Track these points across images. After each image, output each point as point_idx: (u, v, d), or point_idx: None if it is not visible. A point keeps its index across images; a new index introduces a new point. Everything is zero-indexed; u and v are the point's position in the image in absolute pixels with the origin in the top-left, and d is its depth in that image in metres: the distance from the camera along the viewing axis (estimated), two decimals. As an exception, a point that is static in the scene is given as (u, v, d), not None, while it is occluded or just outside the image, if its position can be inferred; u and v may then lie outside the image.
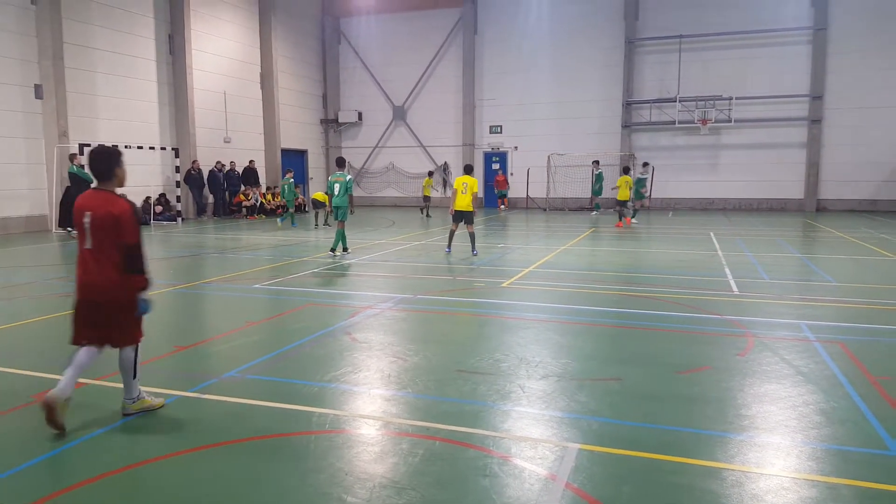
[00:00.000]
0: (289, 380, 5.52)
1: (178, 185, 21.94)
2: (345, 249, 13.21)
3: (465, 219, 12.99)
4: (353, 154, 32.01)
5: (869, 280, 10.39)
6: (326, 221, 20.21)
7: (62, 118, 18.48)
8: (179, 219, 21.74)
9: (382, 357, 6.15)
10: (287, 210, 21.31)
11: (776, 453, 4.08)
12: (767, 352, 6.24)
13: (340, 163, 13.92)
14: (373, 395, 5.14)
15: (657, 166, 27.32)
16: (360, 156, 32.14)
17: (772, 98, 26.20)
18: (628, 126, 27.97)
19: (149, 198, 21.58)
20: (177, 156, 21.90)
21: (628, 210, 20.61)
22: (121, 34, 20.77)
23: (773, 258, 12.90)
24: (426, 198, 25.12)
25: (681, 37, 26.66)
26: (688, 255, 13.40)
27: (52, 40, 18.08)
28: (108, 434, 4.38)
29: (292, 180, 21.02)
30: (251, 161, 25.69)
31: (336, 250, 13.07)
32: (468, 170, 13.50)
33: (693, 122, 26.54)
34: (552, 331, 7.19)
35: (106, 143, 19.33)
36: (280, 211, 24.16)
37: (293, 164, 29.69)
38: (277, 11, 27.45)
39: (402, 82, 31.18)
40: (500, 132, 30.13)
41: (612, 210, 25.20)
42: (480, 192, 30.47)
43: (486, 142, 30.41)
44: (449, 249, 13.30)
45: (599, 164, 25.50)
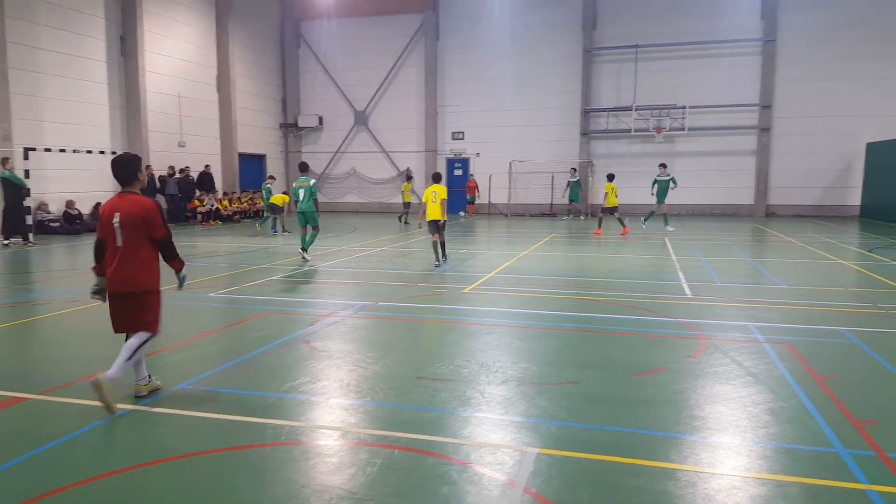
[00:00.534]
0: (244, 391, 5.45)
1: (131, 190, 21.43)
2: (303, 248, 13.02)
3: (437, 228, 12.46)
4: (314, 159, 31.77)
5: (815, 282, 10.73)
6: (285, 228, 20.06)
7: (4, 121, 17.81)
8: (133, 225, 21.23)
9: (342, 366, 6.11)
10: (265, 214, 21.12)
11: (727, 453, 4.19)
12: (719, 353, 6.39)
13: (304, 168, 13.73)
14: (331, 404, 5.11)
15: (617, 173, 27.67)
16: (321, 161, 31.91)
17: (724, 107, 26.90)
18: (587, 134, 28.38)
19: (99, 204, 21.06)
20: (129, 160, 21.39)
21: (656, 215, 20.19)
22: (69, 34, 20.23)
23: (724, 262, 13.22)
24: (406, 204, 24.56)
25: (637, 46, 27.19)
26: (643, 260, 13.65)
27: (-7, 39, 17.45)
28: (49, 452, 4.23)
29: (269, 186, 20.91)
30: (206, 166, 25.28)
31: (306, 252, 12.99)
32: (437, 178, 12.92)
33: (648, 131, 27.08)
34: (512, 336, 7.25)
35: (52, 147, 18.88)
36: (237, 217, 24.55)
37: (252, 168, 29.39)
38: (235, 14, 27.11)
39: (364, 87, 31.09)
40: (463, 138, 30.27)
41: (580, 216, 25.57)
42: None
43: (449, 148, 30.51)
44: (438, 262, 12.50)
45: (576, 171, 26.06)
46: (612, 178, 20.16)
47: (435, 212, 12.35)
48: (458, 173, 30.52)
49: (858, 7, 25.22)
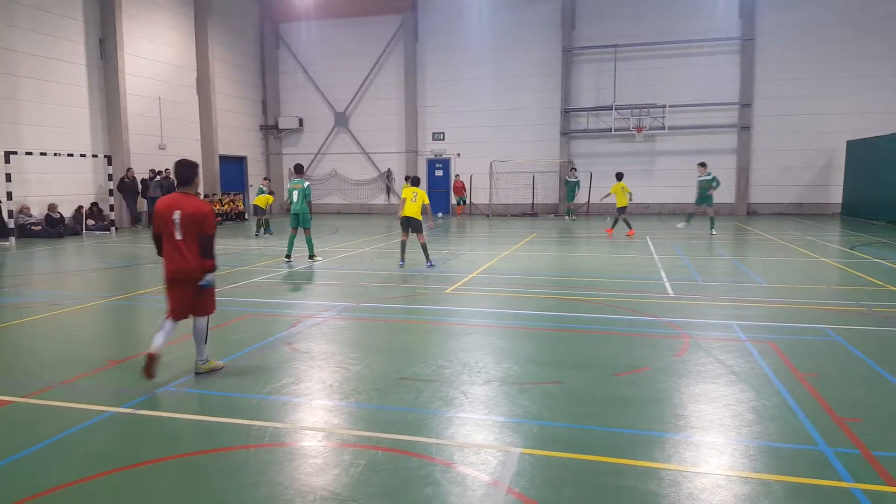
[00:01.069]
0: (227, 393, 5.38)
1: (111, 193, 21.20)
2: (311, 256, 13.25)
3: (412, 227, 12.44)
4: (295, 161, 31.51)
5: (796, 280, 10.82)
6: (268, 229, 20.02)
7: (-17, 124, 17.62)
8: (113, 228, 21.01)
9: (324, 367, 6.06)
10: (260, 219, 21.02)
11: (711, 452, 4.19)
12: (702, 352, 6.42)
13: (299, 169, 13.73)
14: (314, 405, 5.06)
15: (595, 173, 27.94)
16: (301, 162, 31.56)
17: (703, 106, 27.11)
18: (567, 133, 28.47)
19: (80, 207, 20.81)
20: (109, 163, 21.17)
21: (697, 217, 19.00)
22: (47, 37, 19.95)
23: (706, 261, 13.31)
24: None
25: (616, 46, 27.33)
26: (625, 259, 13.70)
27: (-30, 43, 17.22)
28: (33, 455, 4.17)
29: (265, 187, 20.91)
30: (187, 168, 24.99)
31: (314, 256, 13.29)
32: (415, 182, 12.84)
33: (629, 130, 27.22)
34: (494, 336, 7.23)
35: (32, 150, 18.65)
36: (219, 219, 24.34)
37: (232, 170, 29.18)
38: (214, 15, 26.89)
39: (344, 88, 30.97)
40: (443, 139, 30.25)
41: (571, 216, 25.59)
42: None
43: (430, 148, 30.48)
44: (402, 262, 12.47)
45: (576, 171, 25.96)
46: (620, 176, 19.20)
47: (413, 210, 12.34)
48: (438, 174, 30.51)
49: (836, 5, 25.52)
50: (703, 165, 19.09)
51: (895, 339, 7.02)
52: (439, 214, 28.95)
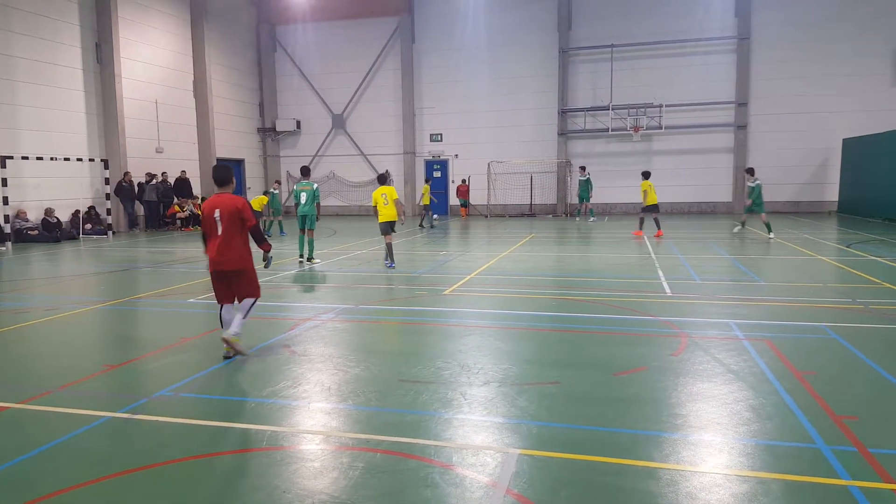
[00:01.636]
0: (224, 397, 5.38)
1: (108, 197, 21.19)
2: (309, 259, 13.33)
3: (392, 229, 12.56)
4: (293, 163, 31.63)
5: (794, 279, 10.83)
6: (281, 230, 20.68)
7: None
8: (110, 232, 20.99)
9: (322, 369, 6.06)
10: (270, 221, 21.18)
11: (709, 451, 4.19)
12: (699, 351, 6.42)
13: (305, 171, 13.71)
14: (312, 409, 5.06)
15: (592, 173, 27.93)
16: (299, 165, 31.25)
17: (700, 105, 27.15)
18: (564, 134, 28.50)
19: (77, 211, 20.78)
20: (106, 167, 21.15)
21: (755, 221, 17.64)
22: (44, 42, 19.95)
23: (703, 260, 13.32)
24: (426, 206, 23.47)
25: (612, 46, 27.36)
26: (623, 259, 13.71)
27: (-33, 49, 17.22)
28: (30, 461, 4.17)
29: (276, 191, 21.07)
30: (182, 171, 24.98)
31: (313, 258, 13.40)
32: (382, 180, 12.88)
33: (626, 130, 27.26)
34: (493, 337, 7.23)
35: (29, 155, 18.64)
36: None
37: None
38: (210, 19, 26.89)
39: (341, 91, 30.98)
40: (441, 140, 30.26)
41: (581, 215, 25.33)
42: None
43: (427, 150, 30.49)
44: (392, 264, 12.50)
45: (586, 169, 25.42)
46: (647, 175, 18.60)
47: (389, 213, 12.37)
48: (437, 175, 30.50)
49: (831, 3, 25.58)
50: (749, 172, 18.08)
51: (892, 337, 7.04)
52: (435, 216, 28.91)
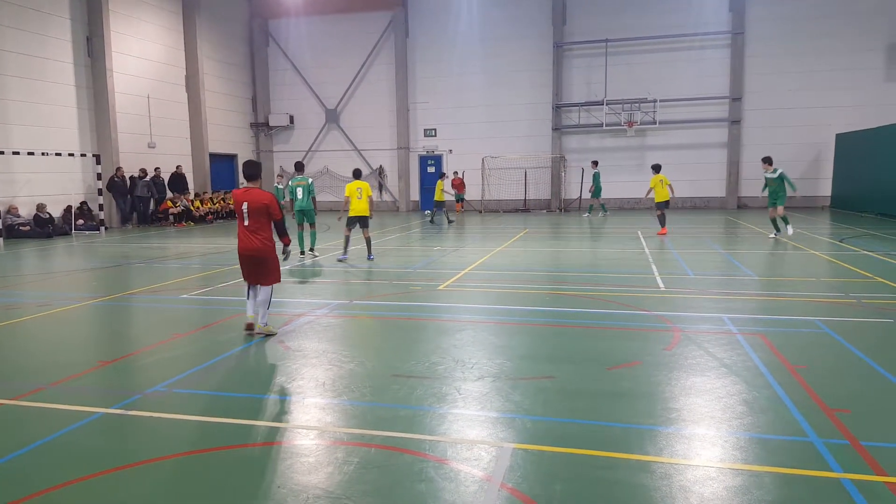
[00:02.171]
0: (218, 392, 5.37)
1: (100, 192, 21.08)
2: (305, 251, 13.55)
3: (360, 223, 12.84)
4: (286, 158, 31.50)
5: (787, 273, 10.87)
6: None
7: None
8: (102, 228, 20.89)
9: (317, 365, 6.05)
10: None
11: (703, 444, 4.21)
12: (693, 345, 6.44)
13: (300, 167, 13.94)
14: (306, 404, 5.05)
15: (586, 168, 27.97)
16: (292, 160, 31.37)
17: (694, 100, 27.16)
18: (558, 129, 28.48)
19: (69, 207, 20.67)
20: (98, 162, 21.04)
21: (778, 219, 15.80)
22: (34, 35, 19.79)
23: (696, 254, 13.35)
24: (439, 203, 22.36)
25: (607, 41, 27.34)
26: (617, 254, 13.73)
27: (-44, 42, 17.06)
28: (23, 457, 4.16)
29: (280, 186, 21.06)
30: (178, 167, 24.91)
31: (314, 249, 13.78)
32: (357, 174, 13.19)
33: (620, 125, 27.26)
34: (487, 332, 7.24)
35: (20, 150, 18.53)
36: (211, 217, 24.80)
37: (223, 168, 29.06)
38: (202, 13, 26.73)
39: (335, 85, 30.87)
40: (435, 135, 30.20)
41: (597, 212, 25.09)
42: (416, 196, 30.55)
43: (422, 145, 30.43)
44: (346, 255, 12.97)
45: (598, 164, 24.69)
46: (658, 168, 17.66)
47: (362, 207, 12.64)
48: (430, 170, 30.47)
49: None
50: (767, 161, 15.99)
51: (884, 331, 7.07)
52: (427, 212, 28.88)
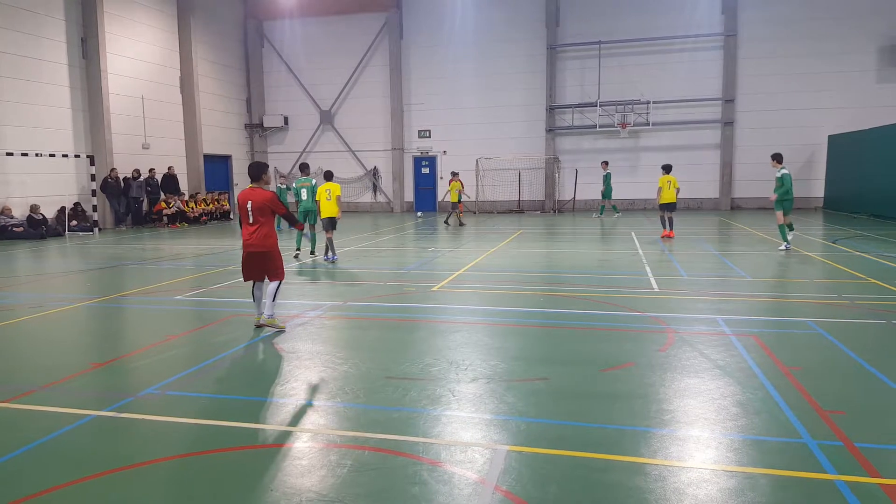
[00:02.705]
0: (211, 395, 5.35)
1: (94, 193, 21.00)
2: (298, 250, 13.61)
3: (329, 224, 13.00)
4: (280, 159, 31.46)
5: (780, 274, 10.90)
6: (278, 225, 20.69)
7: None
8: (96, 229, 20.82)
9: (311, 367, 6.03)
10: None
11: (697, 446, 4.21)
12: (687, 346, 6.45)
13: (305, 168, 14.01)
14: (300, 406, 5.03)
15: (580, 169, 28.05)
16: (287, 161, 31.59)
17: (687, 101, 27.24)
18: (552, 130, 28.52)
19: (63, 208, 20.59)
20: (92, 163, 20.96)
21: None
22: (28, 36, 19.72)
23: (690, 256, 13.37)
24: (453, 204, 21.99)
25: (600, 43, 27.40)
26: (611, 255, 13.75)
27: (-52, 43, 16.98)
28: (14, 460, 4.12)
29: (283, 185, 21.25)
30: (169, 167, 24.80)
31: (314, 252, 13.83)
32: (328, 176, 13.29)
33: (613, 126, 27.31)
34: (481, 333, 7.23)
35: (13, 151, 18.46)
36: (205, 218, 24.83)
37: (217, 169, 28.98)
38: (197, 14, 26.68)
39: (329, 87, 30.84)
40: (429, 136, 30.20)
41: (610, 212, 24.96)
42: (411, 196, 30.54)
43: (416, 146, 30.43)
44: (335, 256, 13.15)
45: (608, 164, 24.44)
46: (668, 169, 16.75)
47: (330, 209, 12.81)
48: (425, 171, 30.47)
49: (817, 1, 25.70)
50: (777, 159, 14.38)
51: (878, 332, 7.10)
52: (419, 214, 28.91)
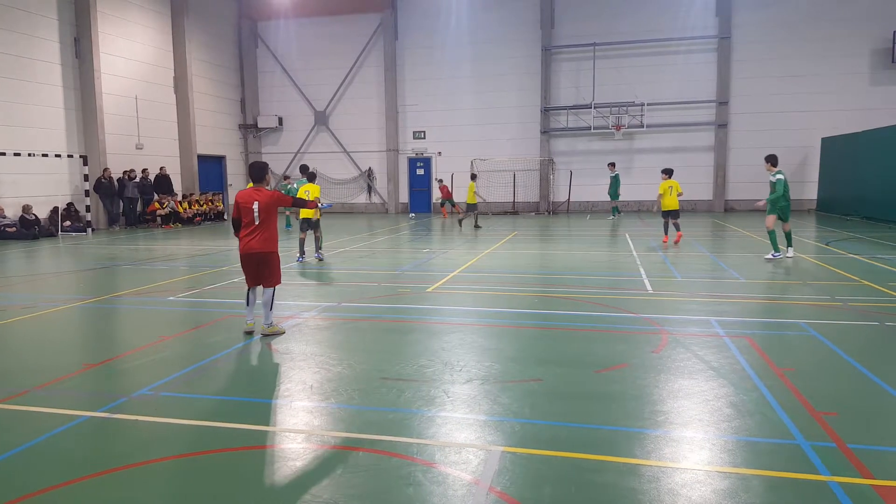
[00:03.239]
0: (205, 396, 5.33)
1: (87, 194, 20.92)
2: (302, 253, 13.49)
3: (311, 225, 13.22)
4: (275, 160, 31.39)
5: (773, 276, 10.94)
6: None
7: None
8: (89, 229, 20.74)
9: (304, 368, 6.02)
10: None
11: (690, 447, 4.22)
12: (680, 348, 6.46)
13: (305, 170, 14.02)
14: (294, 407, 5.02)
15: (574, 171, 28.11)
16: (281, 162, 31.53)
17: (681, 104, 27.33)
18: (547, 132, 28.56)
19: (56, 208, 20.50)
20: (85, 163, 20.88)
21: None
22: (20, 36, 19.63)
23: (684, 257, 13.41)
24: (471, 205, 21.25)
25: (595, 44, 27.46)
26: (605, 256, 13.77)
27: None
28: (7, 461, 4.10)
29: (289, 185, 21.23)
30: (161, 168, 24.71)
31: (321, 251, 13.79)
32: (311, 177, 13.59)
33: (608, 128, 27.38)
34: (476, 334, 7.23)
35: (6, 151, 18.37)
36: (199, 219, 24.88)
37: (211, 170, 28.91)
38: (191, 14, 26.61)
39: (324, 87, 30.82)
40: (424, 138, 30.21)
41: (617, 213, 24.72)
42: (405, 198, 30.53)
43: (411, 147, 30.42)
44: (302, 257, 13.32)
45: (615, 166, 24.67)
46: (670, 173, 15.80)
47: (308, 210, 12.89)
48: (420, 173, 30.47)
49: (811, 3, 25.84)
50: (770, 161, 13.49)
51: (870, 334, 7.13)
52: (412, 215, 28.93)
